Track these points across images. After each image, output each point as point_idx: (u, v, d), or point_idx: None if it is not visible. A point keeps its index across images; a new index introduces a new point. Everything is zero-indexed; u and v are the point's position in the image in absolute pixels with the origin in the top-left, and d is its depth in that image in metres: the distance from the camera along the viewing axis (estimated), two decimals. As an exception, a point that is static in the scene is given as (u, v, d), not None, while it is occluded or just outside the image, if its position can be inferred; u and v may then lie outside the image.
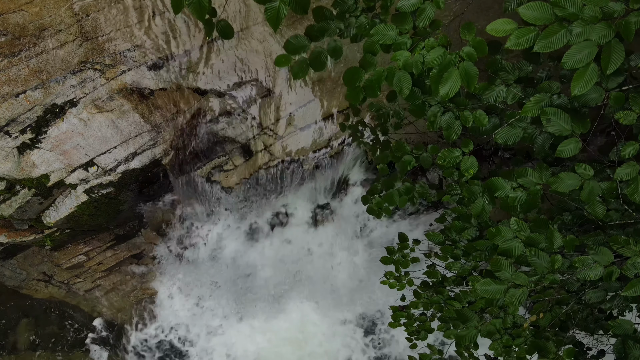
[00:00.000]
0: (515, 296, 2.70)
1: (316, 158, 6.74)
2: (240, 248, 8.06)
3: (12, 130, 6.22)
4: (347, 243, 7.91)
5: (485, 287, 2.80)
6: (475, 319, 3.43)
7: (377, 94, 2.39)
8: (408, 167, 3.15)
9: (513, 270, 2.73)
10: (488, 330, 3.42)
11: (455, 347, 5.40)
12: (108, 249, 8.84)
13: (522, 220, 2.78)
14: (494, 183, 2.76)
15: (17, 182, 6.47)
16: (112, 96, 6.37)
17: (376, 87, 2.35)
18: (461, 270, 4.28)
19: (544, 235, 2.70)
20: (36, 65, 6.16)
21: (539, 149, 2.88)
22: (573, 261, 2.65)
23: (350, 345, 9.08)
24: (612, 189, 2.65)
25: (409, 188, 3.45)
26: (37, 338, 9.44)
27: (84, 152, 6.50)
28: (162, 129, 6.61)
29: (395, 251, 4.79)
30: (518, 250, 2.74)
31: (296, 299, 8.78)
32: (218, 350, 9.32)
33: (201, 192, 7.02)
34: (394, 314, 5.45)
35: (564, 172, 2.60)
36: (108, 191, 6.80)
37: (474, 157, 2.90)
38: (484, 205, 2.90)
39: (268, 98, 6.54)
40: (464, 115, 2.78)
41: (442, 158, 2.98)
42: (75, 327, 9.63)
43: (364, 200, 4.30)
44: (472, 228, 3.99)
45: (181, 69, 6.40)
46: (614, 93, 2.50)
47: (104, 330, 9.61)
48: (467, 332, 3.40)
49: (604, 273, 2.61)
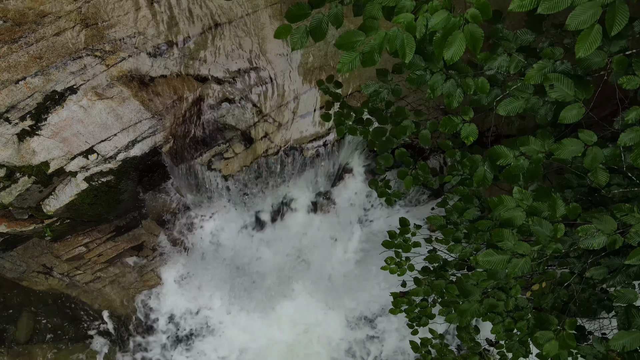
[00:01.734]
0: (518, 266, 2.67)
1: (316, 146, 6.71)
2: (241, 238, 8.04)
3: (12, 117, 6.20)
4: (347, 232, 7.89)
5: (487, 258, 2.77)
6: (478, 292, 3.39)
7: (376, 60, 2.35)
8: (407, 132, 3.10)
9: (516, 239, 2.70)
10: (490, 304, 3.38)
11: (456, 332, 5.40)
12: (108, 241, 8.82)
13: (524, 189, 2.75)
14: (496, 151, 2.73)
15: (17, 169, 6.45)
16: (112, 83, 6.35)
17: (377, 53, 2.31)
18: (463, 253, 4.25)
19: (547, 204, 2.68)
20: (36, 51, 6.14)
21: (542, 120, 2.85)
22: (576, 230, 2.63)
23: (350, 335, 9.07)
24: (616, 156, 2.63)
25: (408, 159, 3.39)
26: (37, 331, 9.42)
27: (84, 140, 6.49)
28: (162, 117, 6.59)
29: (397, 235, 4.76)
30: (520, 220, 2.71)
31: (296, 289, 8.76)
32: (218, 341, 9.30)
33: (201, 181, 6.99)
34: (394, 301, 5.42)
35: (566, 139, 2.58)
36: (108, 179, 6.78)
37: (474, 124, 2.88)
38: (486, 174, 2.87)
39: (269, 85, 6.52)
40: (465, 83, 2.75)
41: (443, 126, 2.95)
42: (75, 320, 9.61)
43: (372, 184, 4.27)
44: (474, 208, 3.97)
45: (181, 56, 6.38)
46: (617, 57, 2.48)
47: (105, 322, 9.60)
48: (470, 307, 3.37)
49: (607, 242, 2.58)
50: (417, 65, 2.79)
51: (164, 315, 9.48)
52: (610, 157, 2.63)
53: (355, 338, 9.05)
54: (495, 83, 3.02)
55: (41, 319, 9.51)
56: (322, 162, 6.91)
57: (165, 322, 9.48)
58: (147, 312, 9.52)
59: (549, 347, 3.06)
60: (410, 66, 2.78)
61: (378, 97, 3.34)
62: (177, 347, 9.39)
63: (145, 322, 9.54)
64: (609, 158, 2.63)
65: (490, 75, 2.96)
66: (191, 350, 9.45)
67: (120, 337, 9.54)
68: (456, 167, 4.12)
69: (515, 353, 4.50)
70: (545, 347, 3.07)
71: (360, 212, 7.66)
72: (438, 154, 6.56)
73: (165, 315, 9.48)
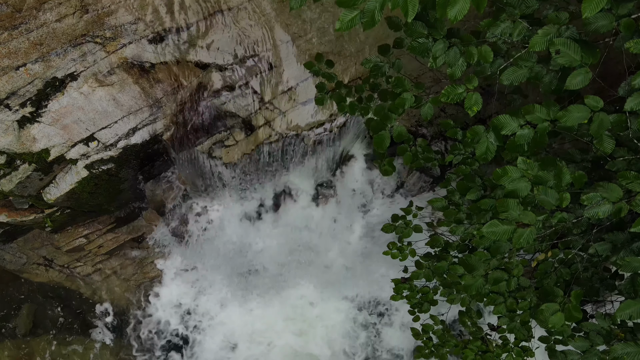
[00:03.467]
0: (523, 236, 2.63)
1: (317, 133, 6.69)
2: (242, 227, 8.01)
3: (12, 103, 6.17)
4: (348, 221, 7.86)
5: (492, 229, 2.73)
6: (482, 267, 3.36)
7: (377, 20, 2.30)
8: (406, 105, 3.06)
9: (520, 209, 2.67)
10: (495, 278, 3.35)
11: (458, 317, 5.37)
12: (108, 232, 8.80)
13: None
14: (501, 121, 2.70)
15: (18, 156, 6.43)
16: (112, 70, 6.33)
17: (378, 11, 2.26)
18: (465, 235, 4.22)
19: (552, 173, 2.64)
20: (36, 38, 6.12)
21: (546, 89, 2.82)
22: (581, 199, 2.60)
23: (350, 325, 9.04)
24: (621, 122, 2.60)
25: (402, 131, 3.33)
26: (38, 323, 9.40)
27: (84, 127, 6.46)
28: (162, 104, 6.56)
29: (398, 218, 4.73)
30: (525, 190, 2.68)
31: (297, 279, 8.74)
32: (218, 333, 9.27)
33: (202, 169, 6.97)
34: (396, 287, 5.40)
35: (572, 105, 2.55)
36: (109, 167, 6.76)
37: (478, 93, 2.84)
38: (489, 145, 2.84)
39: (269, 72, 6.50)
40: (469, 51, 2.72)
41: (445, 95, 2.91)
42: (76, 312, 9.59)
43: (377, 161, 4.22)
44: (477, 187, 3.94)
45: (182, 43, 6.36)
46: (624, 20, 2.45)
47: (105, 315, 9.57)
48: (474, 281, 3.33)
49: (612, 210, 2.55)
50: (420, 32, 2.76)
51: (164, 307, 9.46)
52: (616, 124, 2.60)
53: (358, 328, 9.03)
54: (499, 53, 2.99)
55: (41, 312, 9.48)
56: (324, 150, 6.88)
57: (166, 314, 9.45)
58: (147, 304, 9.49)
59: (554, 319, 3.03)
60: (413, 33, 2.75)
61: (379, 72, 3.30)
62: (177, 339, 9.37)
63: (145, 314, 9.52)
64: (614, 124, 2.60)
65: (493, 43, 2.92)
66: (191, 341, 9.43)
67: (120, 329, 9.51)
68: (458, 147, 4.09)
69: (517, 334, 4.47)
70: (551, 320, 3.04)
71: (362, 200, 7.63)
72: (439, 140, 6.54)
73: (165, 307, 9.45)
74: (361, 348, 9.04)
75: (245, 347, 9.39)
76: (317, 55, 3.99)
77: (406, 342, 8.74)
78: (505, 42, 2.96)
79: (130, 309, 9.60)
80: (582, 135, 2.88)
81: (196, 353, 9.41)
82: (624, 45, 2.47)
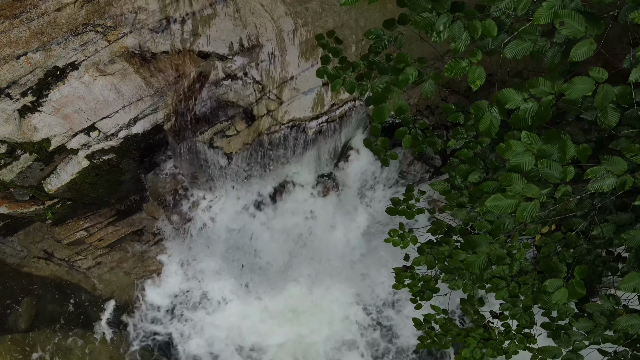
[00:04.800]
0: (527, 210, 2.63)
1: (319, 123, 6.67)
2: (242, 219, 8.00)
3: (13, 92, 6.17)
4: (349, 212, 7.85)
5: (495, 203, 2.72)
6: (485, 243, 3.35)
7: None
8: (410, 80, 3.04)
9: (524, 182, 2.66)
10: (498, 255, 3.33)
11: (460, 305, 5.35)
12: (109, 225, 8.79)
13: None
14: (505, 94, 2.69)
15: (19, 146, 6.42)
16: (113, 59, 6.33)
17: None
18: (467, 218, 4.21)
19: (557, 146, 2.64)
20: (37, 27, 6.12)
21: (550, 63, 2.82)
22: (585, 173, 2.59)
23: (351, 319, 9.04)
24: (626, 94, 2.59)
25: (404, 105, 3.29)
26: (38, 317, 9.38)
27: (85, 117, 6.45)
28: (163, 94, 6.55)
29: (401, 202, 4.72)
30: (529, 164, 2.67)
31: (299, 272, 8.72)
32: (220, 325, 9.26)
33: (203, 159, 6.95)
34: (397, 275, 5.37)
35: (577, 77, 2.54)
36: (109, 157, 6.75)
37: (482, 67, 2.83)
38: (492, 120, 2.83)
39: (271, 61, 6.49)
40: (472, 25, 2.71)
41: (448, 69, 2.90)
42: (76, 306, 9.57)
43: (366, 143, 4.22)
44: (479, 170, 3.93)
45: (183, 32, 6.35)
46: (629, -10, 2.45)
47: (105, 308, 9.55)
48: (477, 258, 3.32)
49: (617, 183, 2.54)
50: (424, 7, 2.75)
51: (165, 300, 9.44)
52: (621, 96, 2.60)
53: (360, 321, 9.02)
54: (503, 27, 2.99)
55: (42, 306, 9.46)
56: (325, 140, 6.87)
57: (167, 307, 9.44)
58: (147, 297, 9.47)
59: (558, 295, 3.01)
60: (416, 8, 2.74)
61: (380, 45, 3.28)
62: (179, 332, 9.35)
63: (146, 307, 9.50)
64: (619, 96, 2.59)
65: (497, 17, 2.91)
66: (192, 334, 9.41)
67: (121, 322, 9.49)
68: (460, 131, 4.08)
69: (519, 320, 4.45)
70: (554, 296, 3.03)
71: (364, 191, 7.62)
72: (441, 130, 6.53)
73: (166, 300, 9.43)
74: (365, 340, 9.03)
75: (246, 341, 9.37)
76: (329, 32, 3.98)
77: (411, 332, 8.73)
78: (510, 16, 2.95)
79: (131, 302, 9.58)
80: (587, 109, 2.88)
81: (196, 346, 9.40)
82: (629, 16, 2.47)
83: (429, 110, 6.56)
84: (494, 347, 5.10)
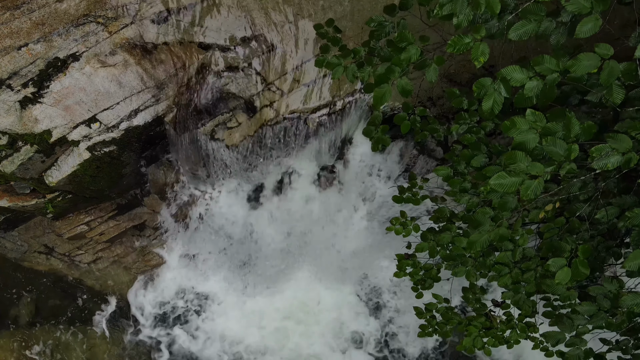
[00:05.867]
0: (531, 187, 2.62)
1: (321, 115, 6.67)
2: (243, 212, 7.99)
3: (14, 83, 6.16)
4: (351, 205, 7.84)
5: (499, 181, 2.72)
6: (488, 222, 3.33)
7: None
8: (412, 58, 3.01)
9: (529, 160, 2.66)
10: (501, 235, 3.32)
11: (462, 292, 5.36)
12: (110, 219, 8.78)
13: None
14: (509, 71, 2.69)
15: (19, 137, 6.41)
16: (114, 50, 6.32)
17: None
18: (470, 204, 4.21)
19: (561, 124, 2.63)
20: (38, 18, 6.12)
21: (555, 43, 2.81)
22: (590, 151, 2.59)
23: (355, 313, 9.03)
24: (632, 70, 2.59)
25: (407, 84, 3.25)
26: (39, 312, 9.37)
27: (86, 108, 6.44)
28: (165, 85, 6.55)
29: (405, 190, 4.72)
30: (534, 142, 2.67)
31: (301, 266, 8.72)
32: (220, 321, 9.25)
33: (204, 152, 6.95)
34: (399, 263, 5.38)
35: (582, 53, 2.54)
36: (111, 149, 6.74)
37: (485, 43, 2.82)
38: (496, 98, 2.82)
39: (272, 53, 6.48)
40: (475, 0, 2.70)
41: (451, 45, 2.88)
42: (77, 301, 9.56)
43: (366, 131, 4.21)
44: (481, 155, 3.92)
45: (184, 23, 6.35)
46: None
47: (106, 303, 9.55)
48: (480, 237, 3.31)
49: (622, 161, 2.54)
50: (428, -17, 2.75)
51: (166, 295, 9.43)
52: (626, 72, 2.59)
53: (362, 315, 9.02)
54: (507, 8, 2.98)
55: (42, 300, 9.46)
56: (327, 132, 6.86)
57: (167, 302, 9.43)
58: (148, 292, 9.47)
59: (561, 274, 3.01)
60: (420, -17, 2.74)
61: (382, 31, 3.28)
62: (179, 327, 9.34)
63: (146, 302, 9.49)
64: (624, 73, 2.59)
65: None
66: (192, 329, 9.41)
67: (121, 317, 9.49)
68: (463, 116, 4.08)
69: (522, 307, 4.46)
70: (558, 275, 3.02)
71: (366, 184, 7.61)
72: (443, 121, 6.52)
73: (167, 295, 9.42)
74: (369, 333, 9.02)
75: (246, 335, 9.37)
76: (328, 20, 3.98)
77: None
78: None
79: (131, 297, 9.57)
80: (592, 86, 2.87)
81: (196, 342, 9.39)
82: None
83: (431, 101, 6.56)
84: (496, 336, 5.11)
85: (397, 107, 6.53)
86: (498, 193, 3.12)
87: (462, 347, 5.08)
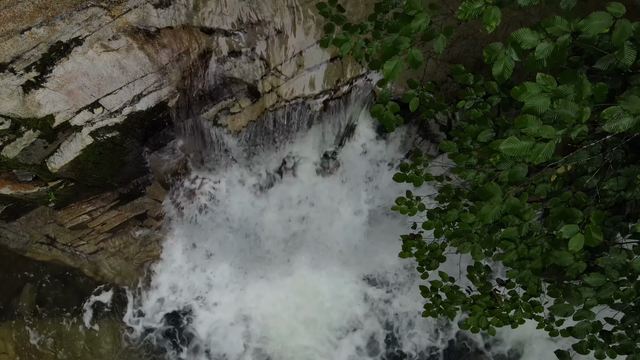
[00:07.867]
0: (542, 151, 2.62)
1: (323, 100, 6.66)
2: (246, 200, 7.98)
3: (17, 67, 6.14)
4: (354, 191, 7.84)
5: (510, 146, 2.71)
6: (500, 193, 3.32)
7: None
8: (422, 27, 2.98)
9: (540, 123, 2.65)
10: (513, 205, 3.31)
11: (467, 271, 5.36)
12: (112, 209, 8.76)
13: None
14: (519, 34, 2.69)
15: (22, 122, 6.39)
16: (117, 35, 6.30)
17: None
18: (476, 180, 4.20)
19: (573, 86, 2.63)
20: (41, 1, 6.10)
21: (565, 9, 2.80)
22: (602, 113, 2.59)
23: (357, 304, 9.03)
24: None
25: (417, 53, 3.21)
26: (40, 302, 9.36)
27: (89, 93, 6.43)
28: (168, 70, 6.53)
29: (408, 167, 4.72)
30: (545, 106, 2.66)
31: (302, 256, 8.70)
32: (222, 315, 9.23)
33: (207, 137, 6.94)
34: (404, 244, 5.38)
35: (594, 13, 2.54)
36: (113, 135, 6.72)
37: (497, 7, 2.81)
38: (506, 63, 2.81)
39: (276, 37, 6.48)
40: (484, -31, 2.69)
41: (462, 11, 2.87)
42: (78, 291, 9.55)
43: (375, 110, 4.21)
44: (488, 129, 3.92)
45: (188, 7, 6.34)
46: None
47: (108, 294, 9.53)
48: (491, 209, 3.30)
49: (633, 123, 2.54)
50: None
51: (168, 286, 9.42)
52: (638, 32, 2.59)
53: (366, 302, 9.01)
54: (515, -20, 2.98)
55: (44, 291, 9.44)
56: (330, 118, 6.86)
57: (170, 293, 9.41)
58: (150, 283, 9.45)
59: (574, 241, 3.00)
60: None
61: (390, 3, 3.26)
62: (182, 318, 9.33)
63: (148, 293, 9.48)
64: (636, 33, 2.59)
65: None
66: (196, 320, 9.39)
67: (123, 308, 9.48)
68: (469, 92, 4.08)
69: (528, 284, 4.45)
70: (571, 242, 3.01)
71: (369, 171, 7.61)
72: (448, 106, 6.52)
73: (169, 285, 9.41)
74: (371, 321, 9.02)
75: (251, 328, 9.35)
76: (331, 0, 3.97)
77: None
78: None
79: (133, 287, 9.56)
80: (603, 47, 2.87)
81: (199, 332, 9.38)
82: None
83: (434, 85, 6.55)
84: (500, 316, 5.11)
85: (400, 93, 6.53)
86: (508, 163, 3.12)
87: (467, 326, 5.07)
